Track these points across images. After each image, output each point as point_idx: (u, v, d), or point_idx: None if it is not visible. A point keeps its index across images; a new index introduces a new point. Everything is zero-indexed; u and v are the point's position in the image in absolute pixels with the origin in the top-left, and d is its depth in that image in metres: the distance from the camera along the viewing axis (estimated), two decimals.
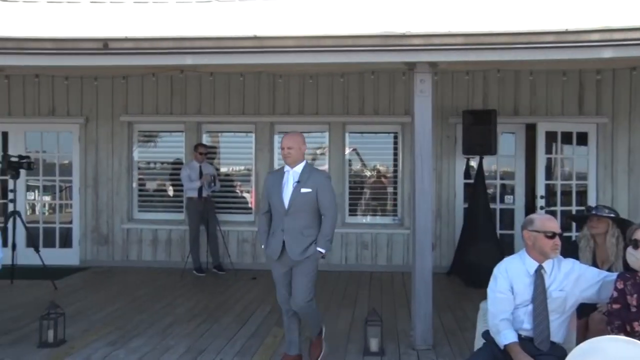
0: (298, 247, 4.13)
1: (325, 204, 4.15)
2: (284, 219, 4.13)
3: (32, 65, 5.11)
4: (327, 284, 7.27)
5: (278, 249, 4.17)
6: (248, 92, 8.25)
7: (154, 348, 4.82)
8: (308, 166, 4.25)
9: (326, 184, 4.20)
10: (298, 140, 4.20)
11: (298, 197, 4.09)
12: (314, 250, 4.14)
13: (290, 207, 4.11)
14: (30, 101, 8.38)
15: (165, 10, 6.99)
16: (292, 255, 4.12)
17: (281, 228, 4.15)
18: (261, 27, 5.17)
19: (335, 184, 8.15)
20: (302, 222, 4.13)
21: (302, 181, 4.12)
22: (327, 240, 4.18)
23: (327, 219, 4.17)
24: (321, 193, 4.13)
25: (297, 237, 4.12)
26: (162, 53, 4.87)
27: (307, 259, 4.14)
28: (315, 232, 4.16)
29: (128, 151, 8.40)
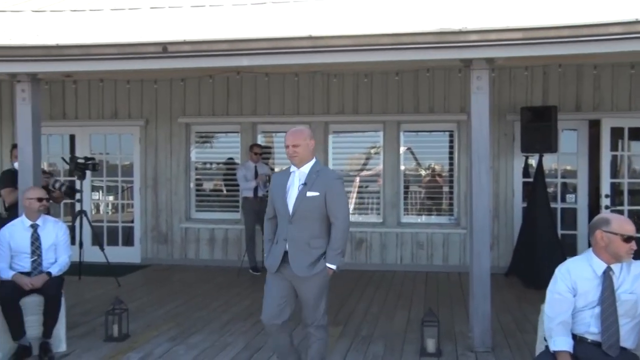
0: (303, 260, 3.56)
1: (334, 210, 3.57)
2: (288, 227, 3.59)
3: (97, 70, 5.29)
4: (383, 284, 7.24)
5: (277, 260, 3.62)
6: (302, 92, 8.30)
7: (212, 344, 4.91)
8: (317, 165, 3.69)
9: (336, 185, 3.63)
10: (304, 136, 3.65)
11: (304, 201, 3.55)
12: (322, 266, 3.57)
13: (295, 213, 3.57)
14: (95, 105, 8.72)
15: (221, 13, 7.12)
16: (297, 270, 3.56)
17: (284, 237, 3.60)
18: (316, 27, 5.19)
19: (390, 183, 8.19)
20: (309, 231, 3.58)
21: (309, 183, 3.58)
22: (337, 254, 3.58)
23: (337, 228, 3.57)
24: (330, 197, 3.56)
25: (303, 248, 3.57)
26: (218, 55, 4.96)
27: (315, 277, 3.58)
28: (325, 244, 3.60)
29: (186, 152, 8.61)
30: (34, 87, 5.37)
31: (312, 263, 3.57)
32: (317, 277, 3.59)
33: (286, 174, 3.73)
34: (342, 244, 3.60)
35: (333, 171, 3.90)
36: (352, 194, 8.45)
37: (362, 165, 8.55)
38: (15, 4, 8.01)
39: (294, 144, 3.60)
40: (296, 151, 3.60)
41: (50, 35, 5.79)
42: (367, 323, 5.52)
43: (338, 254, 3.60)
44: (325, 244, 3.61)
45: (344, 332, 5.22)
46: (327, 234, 3.62)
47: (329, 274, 3.61)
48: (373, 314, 5.83)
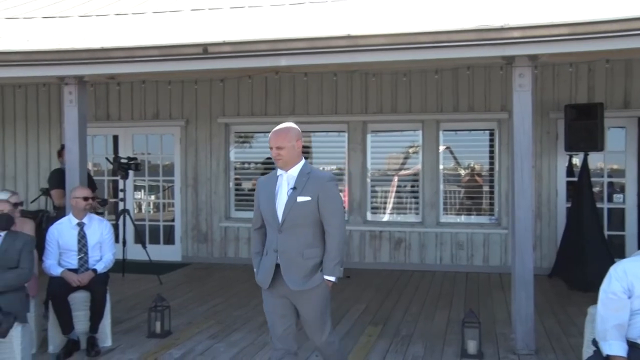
0: (297, 273, 3.22)
1: (328, 216, 3.22)
2: (278, 237, 3.25)
3: (139, 72, 5.40)
4: (422, 284, 7.18)
5: (269, 274, 3.28)
6: (340, 92, 8.30)
7: (252, 343, 4.96)
8: (306, 167, 3.33)
9: (329, 189, 3.26)
10: (290, 136, 3.26)
11: (294, 207, 3.21)
12: (320, 279, 3.24)
13: (285, 221, 3.22)
14: (137, 106, 8.91)
15: (260, 14, 7.19)
16: (291, 284, 3.21)
17: (274, 248, 3.27)
18: (354, 26, 5.18)
19: (429, 183, 8.11)
20: (301, 240, 3.23)
21: (299, 187, 3.23)
22: (335, 265, 3.24)
23: (332, 236, 3.22)
24: (323, 201, 3.21)
25: (296, 260, 3.23)
26: (257, 55, 5.00)
27: (313, 291, 3.24)
28: (320, 253, 3.26)
29: (225, 152, 8.71)
30: (81, 90, 5.52)
31: (307, 275, 3.22)
32: (316, 292, 3.24)
33: (272, 177, 3.37)
34: (339, 253, 3.26)
35: (325, 173, 3.43)
36: (390, 193, 8.40)
37: (400, 165, 8.49)
38: (63, 10, 8.26)
39: (278, 146, 3.24)
40: (280, 154, 3.24)
41: (96, 38, 5.95)
42: (406, 323, 5.48)
43: (336, 264, 3.25)
44: (321, 253, 3.26)
45: (383, 332, 5.20)
46: (322, 241, 3.28)
47: (329, 286, 3.29)
48: (412, 314, 5.79)
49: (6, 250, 4.21)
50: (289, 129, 3.30)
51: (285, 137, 3.25)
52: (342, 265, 3.31)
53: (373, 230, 8.23)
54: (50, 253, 4.87)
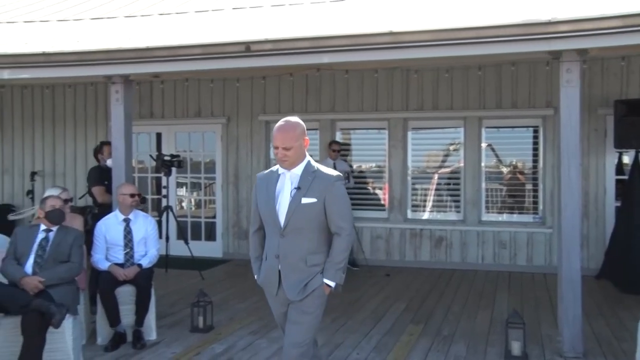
0: (298, 281, 2.98)
1: (336, 219, 2.97)
2: (280, 242, 2.99)
3: (183, 70, 5.48)
4: (464, 283, 7.08)
5: (274, 282, 3.05)
6: (381, 89, 8.25)
7: None
8: (311, 165, 3.03)
9: (336, 189, 2.99)
10: (297, 134, 2.96)
11: (298, 210, 2.94)
12: (319, 282, 2.98)
13: (288, 225, 2.96)
14: (180, 104, 9.06)
15: (301, 11, 7.20)
16: (290, 294, 3.00)
17: (275, 254, 3.01)
18: (396, 23, 5.14)
19: (470, 181, 7.99)
20: (305, 245, 2.97)
21: (304, 187, 2.96)
22: (337, 270, 3.00)
23: (340, 240, 2.98)
24: (330, 202, 2.95)
25: (298, 267, 2.98)
26: (299, 53, 5.00)
27: (309, 296, 2.99)
28: (324, 260, 3.02)
29: (266, 149, 8.77)
30: (127, 88, 5.64)
31: (307, 283, 2.98)
32: (312, 296, 2.98)
33: (273, 176, 3.07)
34: (343, 257, 3.00)
35: (332, 171, 3.09)
36: (430, 191, 8.31)
37: (440, 162, 8.39)
38: (110, 11, 8.47)
39: (285, 147, 2.93)
40: (287, 155, 2.94)
41: (141, 38, 6.08)
42: (448, 322, 5.42)
43: (339, 269, 2.99)
44: (325, 259, 3.02)
45: (425, 331, 5.15)
46: (328, 247, 3.03)
47: (326, 292, 3.01)
48: (454, 314, 5.71)
49: (58, 245, 4.35)
50: (296, 126, 2.98)
51: (293, 136, 2.94)
52: (344, 272, 3.05)
53: (413, 229, 8.16)
54: (98, 248, 5.00)
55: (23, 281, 4.08)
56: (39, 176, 9.24)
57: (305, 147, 3.03)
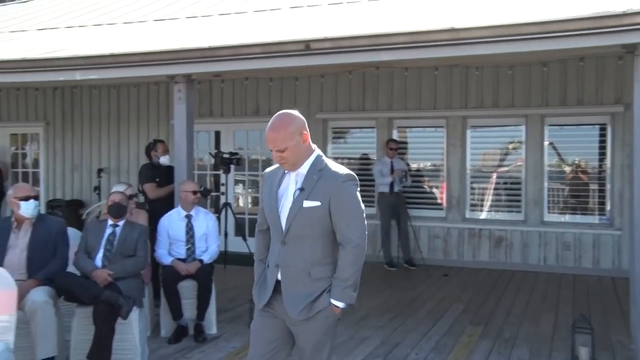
0: (301, 297, 2.57)
1: (342, 226, 2.55)
2: (281, 249, 2.62)
3: (244, 69, 5.57)
4: (525, 284, 6.90)
5: (267, 292, 2.65)
6: (440, 86, 8.13)
7: (350, 338, 4.98)
8: (319, 162, 2.61)
9: (344, 190, 2.56)
10: (291, 132, 2.53)
11: (300, 214, 2.56)
12: (325, 303, 2.57)
13: (290, 231, 2.58)
14: (239, 103, 9.21)
15: (359, 9, 7.20)
16: (291, 311, 2.58)
17: (276, 262, 2.64)
18: (457, 19, 5.05)
19: (532, 180, 7.76)
20: (309, 254, 2.58)
21: (307, 188, 2.56)
22: (346, 288, 2.56)
23: (345, 253, 2.55)
24: (336, 206, 2.54)
25: (301, 279, 2.59)
26: (358, 51, 4.99)
27: (315, 318, 2.58)
28: (332, 273, 2.61)
29: (323, 147, 8.79)
30: (189, 87, 5.78)
31: (313, 301, 2.57)
32: (318, 319, 2.58)
33: (279, 173, 2.69)
34: (354, 272, 2.56)
35: (342, 169, 2.62)
36: (489, 190, 8.13)
37: (500, 161, 8.19)
38: (172, 13, 8.71)
39: (280, 149, 2.52)
40: (283, 157, 2.54)
41: (203, 38, 6.22)
42: (509, 325, 5.29)
43: (347, 287, 2.56)
44: (333, 272, 2.60)
45: (485, 333, 5.04)
46: (336, 257, 2.60)
47: (335, 313, 2.59)
48: (515, 316, 5.57)
49: (125, 240, 4.50)
50: (288, 123, 2.55)
51: (285, 135, 2.51)
52: (356, 289, 2.60)
53: (472, 228, 8.01)
54: (161, 243, 5.15)
55: (94, 274, 4.26)
56: (105, 173, 9.60)
57: (305, 142, 2.57)
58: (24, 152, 10.72)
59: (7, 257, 4.15)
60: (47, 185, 10.22)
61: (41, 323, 3.88)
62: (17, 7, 11.48)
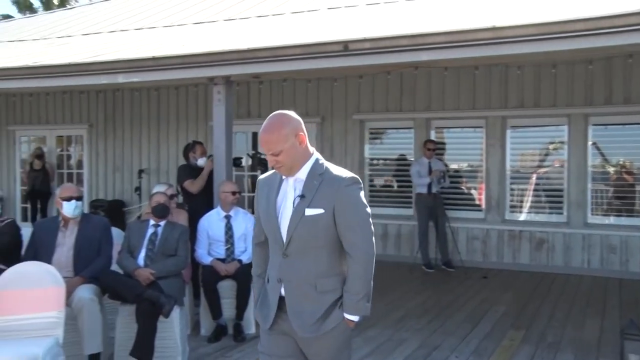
0: (309, 313, 2.39)
1: (347, 234, 2.37)
2: (282, 262, 2.43)
3: (283, 70, 5.60)
4: (567, 288, 6.74)
5: (271, 310, 2.46)
6: (479, 86, 8.01)
7: (388, 339, 4.95)
8: (318, 166, 2.43)
9: (349, 194, 2.38)
10: (285, 134, 2.35)
11: (302, 223, 2.36)
12: (339, 319, 2.39)
13: (292, 242, 2.39)
14: (276, 104, 9.22)
15: (397, 9, 7.16)
16: (300, 329, 2.39)
17: (277, 277, 2.44)
18: (498, 17, 4.97)
19: (575, 181, 7.58)
20: (314, 266, 2.39)
21: (308, 195, 2.38)
22: (359, 300, 2.38)
23: (356, 261, 2.37)
24: (340, 212, 2.35)
25: (307, 294, 2.40)
26: (398, 51, 4.95)
27: (328, 335, 2.40)
28: (340, 284, 2.42)
29: (360, 148, 8.78)
30: (228, 89, 5.84)
31: (323, 316, 2.38)
32: (332, 336, 2.40)
33: (275, 180, 2.50)
34: (365, 283, 2.39)
35: (345, 172, 2.44)
36: (529, 191, 7.97)
37: (540, 162, 8.02)
38: (210, 16, 8.83)
39: (273, 152, 2.35)
40: (279, 161, 2.36)
41: (241, 40, 6.28)
42: (552, 329, 5.16)
43: (360, 300, 2.38)
44: (341, 284, 2.42)
45: (527, 337, 4.94)
46: (344, 267, 2.44)
47: (351, 326, 2.43)
48: (558, 320, 5.44)
49: (166, 239, 4.58)
50: (282, 124, 2.37)
51: (279, 137, 2.34)
52: (370, 299, 2.42)
53: (512, 230, 7.86)
54: (201, 243, 5.22)
55: (136, 272, 4.34)
56: (146, 174, 9.79)
57: (302, 144, 2.39)
58: (69, 153, 11.03)
59: (55, 255, 4.27)
60: (91, 186, 10.48)
61: (87, 320, 3.98)
62: (63, 14, 11.83)
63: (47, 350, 3.42)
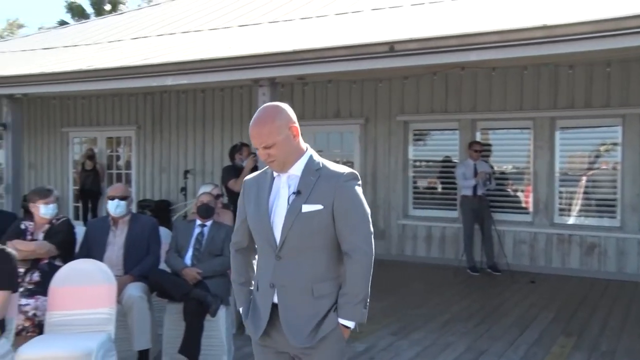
0: (304, 321, 2.23)
1: (346, 233, 2.23)
2: (276, 266, 2.25)
3: (328, 71, 5.61)
4: (622, 295, 6.50)
5: (262, 319, 2.28)
6: (526, 86, 7.83)
7: (433, 343, 4.89)
8: (314, 161, 2.30)
9: (348, 190, 2.24)
10: (278, 125, 2.23)
11: (298, 221, 2.21)
12: (333, 324, 2.23)
13: (286, 243, 2.23)
14: (320, 105, 9.28)
15: (442, 9, 7.06)
16: (294, 339, 2.22)
17: (270, 282, 2.26)
18: (550, 15, 4.85)
19: (630, 184, 7.32)
20: (311, 269, 2.24)
21: (305, 191, 2.24)
22: (356, 305, 2.23)
23: (352, 263, 2.22)
24: (339, 210, 2.22)
25: (302, 299, 2.24)
26: (445, 51, 4.91)
27: (324, 344, 2.23)
28: (336, 289, 2.27)
29: (404, 149, 8.70)
30: (273, 91, 5.88)
31: (319, 324, 2.22)
32: (327, 344, 2.23)
33: (266, 178, 2.35)
34: (364, 285, 2.23)
35: (343, 167, 2.31)
36: (578, 194, 7.74)
37: (591, 164, 7.77)
38: (254, 18, 8.92)
39: (266, 145, 2.22)
40: (271, 154, 2.23)
41: (286, 42, 6.32)
42: (606, 337, 4.99)
43: (358, 304, 2.23)
44: (337, 288, 2.26)
45: (578, 345, 4.79)
46: (341, 271, 2.28)
47: (345, 334, 2.26)
48: (612, 328, 5.25)
49: (212, 239, 4.64)
50: (274, 115, 2.24)
51: (271, 129, 2.21)
52: (367, 306, 2.26)
53: (561, 234, 7.64)
54: None
55: (184, 272, 4.42)
56: (191, 174, 9.97)
57: (296, 138, 2.26)
58: (118, 154, 11.34)
59: (106, 253, 4.39)
60: (138, 186, 10.75)
61: (137, 317, 4.08)
62: (114, 20, 12.18)
63: (101, 345, 3.53)
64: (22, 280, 3.99)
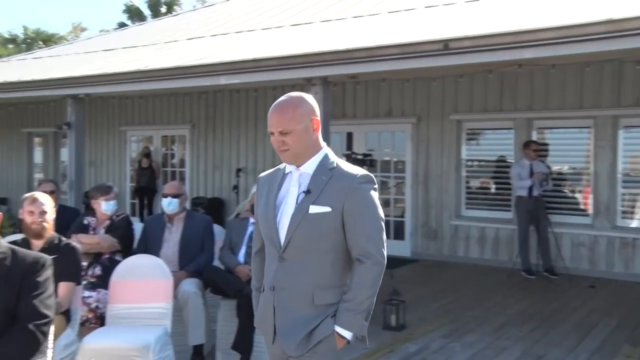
0: (297, 328, 2.11)
1: (358, 239, 2.10)
2: (278, 267, 2.15)
3: (380, 70, 5.57)
4: None
5: (269, 324, 2.18)
6: (587, 84, 7.54)
7: (487, 346, 4.79)
8: (329, 160, 2.18)
9: (361, 194, 2.11)
10: (299, 113, 2.13)
11: (304, 222, 2.10)
12: (328, 330, 2.09)
13: (290, 243, 2.12)
14: (372, 104, 9.22)
15: (498, 5, 6.90)
16: (287, 346, 2.12)
17: (271, 284, 2.17)
18: (613, 9, 4.65)
19: None
20: (313, 275, 2.11)
21: (314, 191, 2.12)
22: (357, 314, 2.09)
23: (361, 270, 2.09)
24: (350, 214, 2.09)
25: (300, 306, 2.12)
26: (500, 49, 4.79)
27: (315, 353, 2.11)
28: (340, 299, 2.13)
29: (457, 149, 8.55)
30: (325, 89, 5.87)
31: (313, 330, 2.09)
32: (319, 353, 2.10)
33: (277, 176, 2.26)
34: (371, 295, 2.09)
35: (357, 169, 2.18)
36: None
37: None
38: (306, 17, 8.96)
39: (282, 130, 2.12)
40: (285, 142, 2.12)
41: (338, 41, 6.31)
42: None
43: (359, 314, 2.08)
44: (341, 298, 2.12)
45: None
46: (347, 278, 2.14)
47: (340, 345, 2.10)
48: None
49: None
50: (298, 103, 2.14)
51: (293, 116, 2.11)
52: (368, 318, 2.12)
53: (625, 237, 7.33)
54: None
55: (237, 269, 4.48)
56: (243, 173, 10.11)
57: (315, 132, 2.15)
58: (172, 152, 11.62)
59: (162, 250, 4.51)
60: (192, 184, 10.98)
61: (192, 312, 4.17)
62: (169, 21, 12.50)
63: (158, 339, 3.62)
64: (85, 274, 4.14)
